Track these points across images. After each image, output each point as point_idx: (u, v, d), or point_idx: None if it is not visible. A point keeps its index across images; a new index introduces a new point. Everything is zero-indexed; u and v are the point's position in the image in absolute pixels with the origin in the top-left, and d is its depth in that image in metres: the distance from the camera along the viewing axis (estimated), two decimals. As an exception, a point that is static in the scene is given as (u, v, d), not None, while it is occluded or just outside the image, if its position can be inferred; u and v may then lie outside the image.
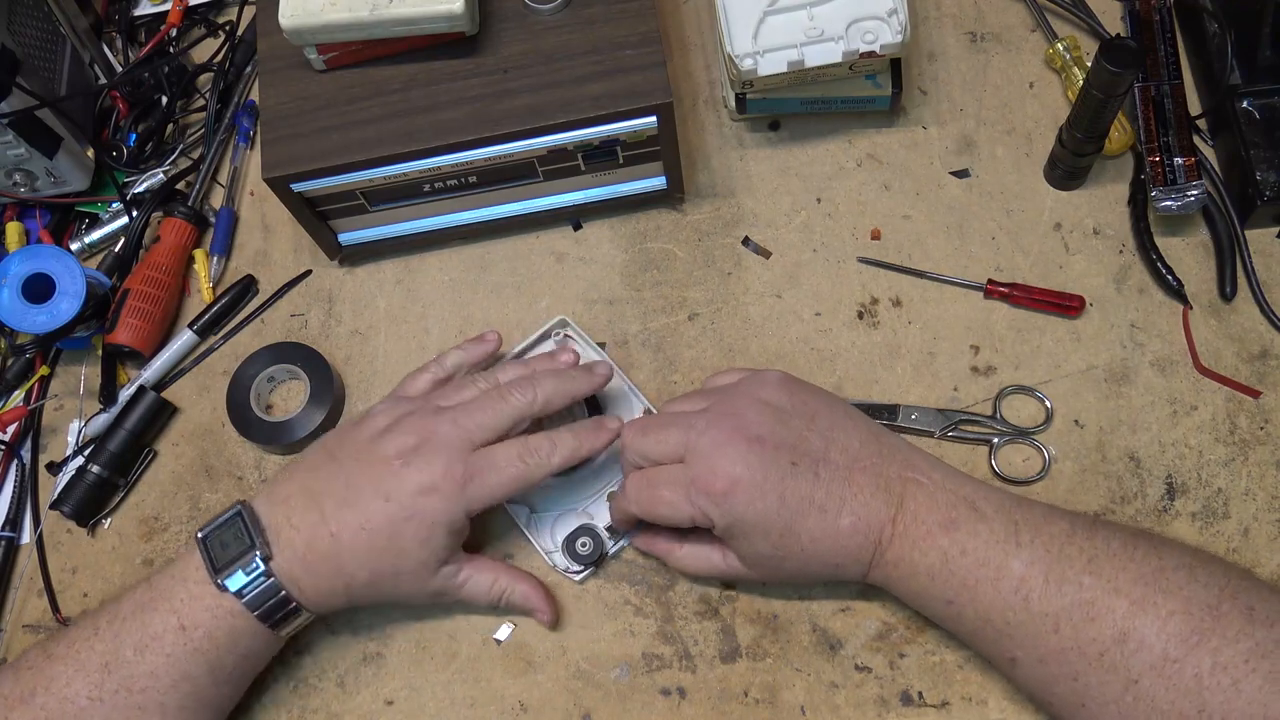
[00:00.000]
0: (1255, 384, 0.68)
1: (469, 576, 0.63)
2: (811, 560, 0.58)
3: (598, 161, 0.72)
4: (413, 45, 0.68)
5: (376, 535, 0.59)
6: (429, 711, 0.66)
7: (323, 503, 0.60)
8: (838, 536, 0.57)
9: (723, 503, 0.57)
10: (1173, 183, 0.70)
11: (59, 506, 0.72)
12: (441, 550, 0.61)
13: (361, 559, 0.60)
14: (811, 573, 0.59)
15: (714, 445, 0.58)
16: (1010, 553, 0.55)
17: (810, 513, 0.57)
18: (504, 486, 0.60)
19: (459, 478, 0.60)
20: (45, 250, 0.72)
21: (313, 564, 0.60)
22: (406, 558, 0.60)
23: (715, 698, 0.64)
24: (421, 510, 0.59)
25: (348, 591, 0.61)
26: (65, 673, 0.58)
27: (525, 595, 0.65)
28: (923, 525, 0.57)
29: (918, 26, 0.80)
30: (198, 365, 0.77)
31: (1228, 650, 0.50)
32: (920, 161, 0.76)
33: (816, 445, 0.59)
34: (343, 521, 0.59)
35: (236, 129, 0.83)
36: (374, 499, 0.60)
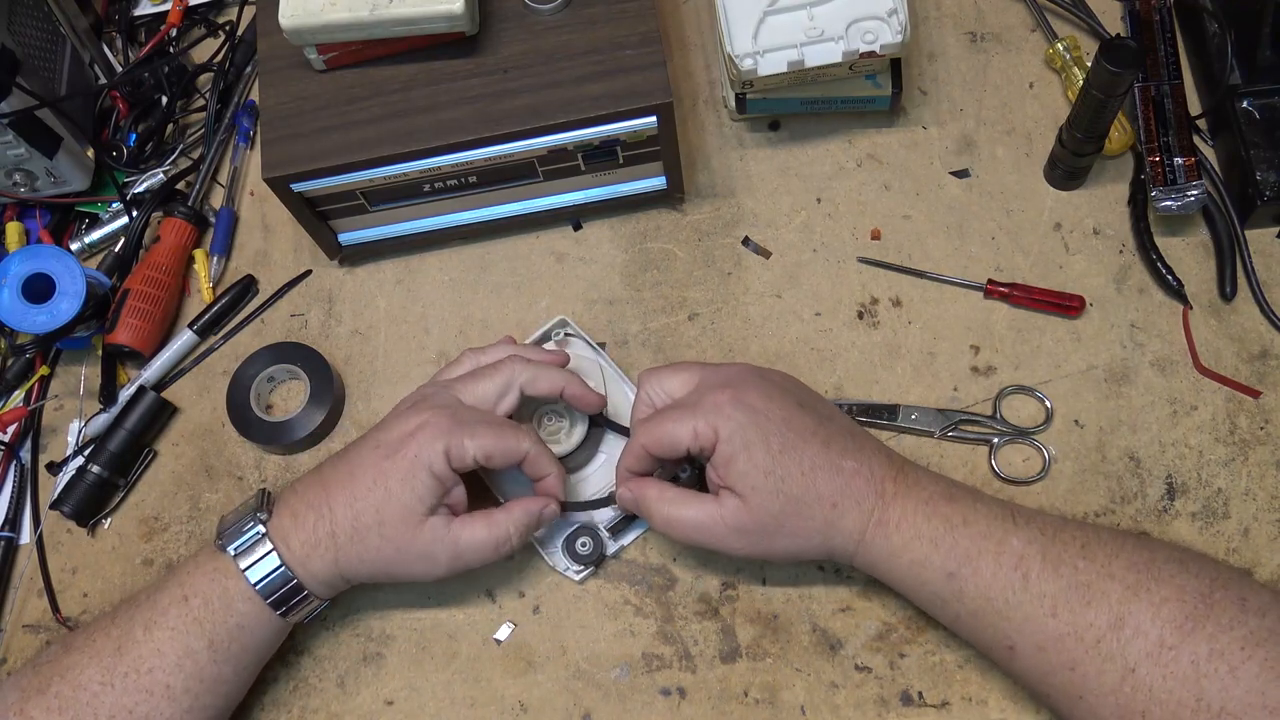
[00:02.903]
0: (1255, 384, 0.68)
1: (462, 527, 0.61)
2: (809, 491, 0.57)
3: (598, 161, 0.72)
4: (413, 45, 0.68)
5: (361, 475, 0.60)
6: (429, 711, 0.66)
7: (325, 467, 0.63)
8: (839, 471, 0.58)
9: (730, 404, 0.58)
10: (1173, 183, 0.70)
11: (59, 506, 0.72)
12: (425, 493, 0.60)
13: (348, 506, 0.60)
14: (808, 513, 0.58)
15: (726, 370, 0.62)
16: (1009, 530, 0.56)
17: (813, 441, 0.58)
18: (488, 441, 0.60)
19: (443, 422, 0.60)
20: (45, 250, 0.72)
21: (303, 518, 0.60)
22: (390, 500, 0.59)
23: (715, 698, 0.64)
24: (404, 448, 0.60)
25: (335, 547, 0.60)
26: (80, 661, 0.59)
27: (525, 518, 0.62)
28: (925, 490, 0.58)
29: (918, 26, 0.80)
30: (198, 365, 0.77)
31: (1223, 637, 0.50)
32: (920, 161, 0.76)
33: (822, 410, 0.61)
34: (334, 473, 0.61)
35: (236, 129, 0.83)
36: (366, 449, 0.61)
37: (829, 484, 0.58)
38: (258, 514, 0.61)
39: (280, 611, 0.61)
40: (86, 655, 0.59)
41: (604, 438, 0.69)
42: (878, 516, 0.58)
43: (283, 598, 0.60)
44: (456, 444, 0.60)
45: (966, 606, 0.57)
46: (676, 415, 0.60)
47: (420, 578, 0.62)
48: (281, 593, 0.60)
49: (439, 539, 0.60)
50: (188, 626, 0.59)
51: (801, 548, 0.59)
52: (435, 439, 0.59)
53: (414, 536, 0.60)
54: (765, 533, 0.58)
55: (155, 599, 0.60)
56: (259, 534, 0.60)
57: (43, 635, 0.70)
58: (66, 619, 0.70)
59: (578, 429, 0.68)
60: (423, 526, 0.60)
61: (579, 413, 0.69)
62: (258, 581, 0.59)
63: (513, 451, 0.61)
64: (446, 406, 0.62)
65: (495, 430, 0.61)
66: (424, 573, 0.62)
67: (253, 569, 0.59)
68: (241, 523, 0.61)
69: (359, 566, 0.61)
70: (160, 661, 0.58)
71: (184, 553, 0.71)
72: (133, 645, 0.59)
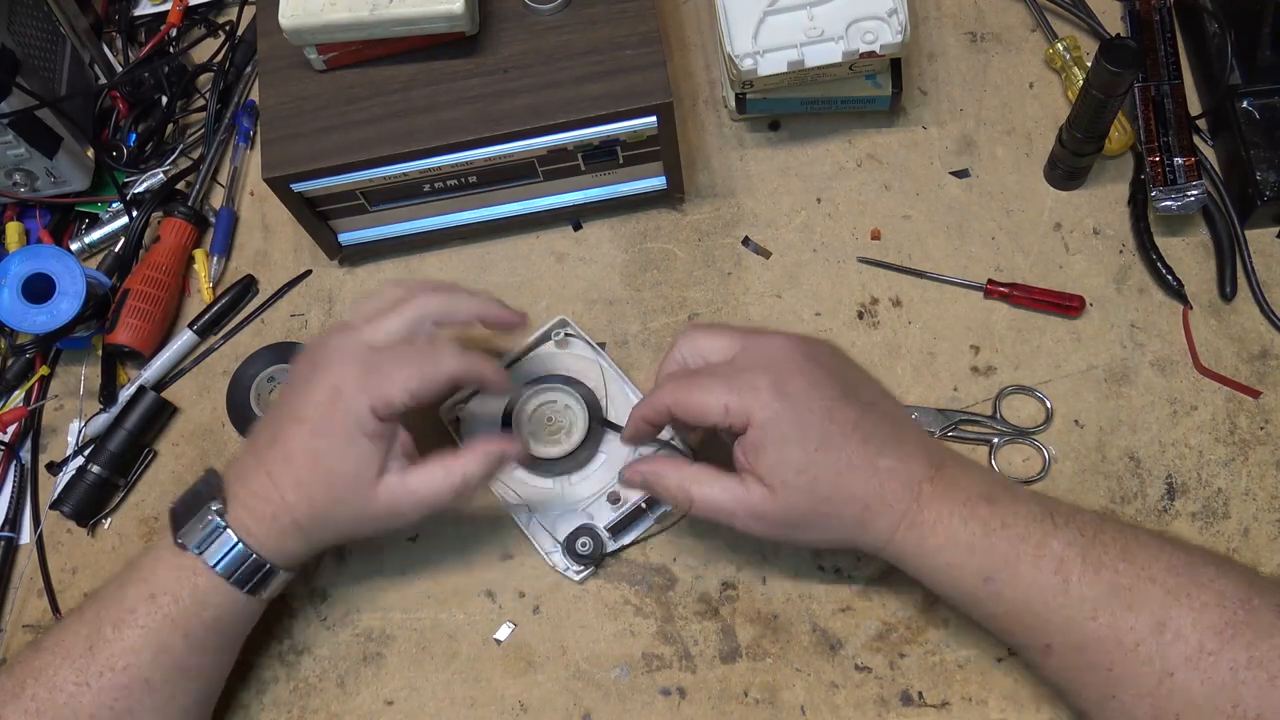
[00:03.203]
0: (1255, 384, 0.68)
1: (419, 478, 0.59)
2: (841, 491, 0.56)
3: (598, 161, 0.72)
4: (413, 45, 0.68)
5: (301, 461, 0.58)
6: (429, 711, 0.66)
7: (260, 451, 0.60)
8: (875, 472, 0.56)
9: (770, 390, 0.55)
10: (1173, 183, 0.70)
11: (59, 506, 0.72)
12: (369, 458, 0.57)
13: (297, 491, 0.58)
14: (837, 513, 0.56)
15: (769, 344, 0.58)
16: (1049, 532, 0.54)
17: (853, 437, 0.56)
18: (409, 380, 0.57)
19: (357, 377, 0.57)
20: (45, 250, 0.72)
21: (259, 511, 0.58)
22: (337, 477, 0.58)
23: (715, 698, 0.64)
24: (329, 420, 0.57)
25: (302, 532, 0.59)
26: (53, 662, 0.58)
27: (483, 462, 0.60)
28: (962, 492, 0.56)
29: (918, 26, 0.80)
30: (198, 365, 0.77)
31: (1262, 645, 0.50)
32: (920, 161, 0.76)
33: (866, 396, 0.58)
34: (272, 460, 0.59)
35: (236, 129, 0.83)
36: (290, 425, 0.58)
37: (864, 486, 0.56)
38: (212, 507, 0.58)
39: (258, 594, 0.60)
40: (58, 656, 0.58)
41: (604, 438, 0.69)
42: (911, 519, 0.56)
43: (258, 583, 0.59)
44: (378, 396, 0.57)
45: (1003, 608, 0.55)
46: (710, 385, 0.57)
47: (396, 530, 0.61)
48: (255, 579, 0.59)
49: (398, 495, 0.59)
50: (159, 624, 0.58)
51: (826, 540, 0.58)
52: (355, 398, 0.57)
53: (372, 501, 0.58)
54: (789, 525, 0.57)
55: (120, 597, 0.59)
56: (219, 526, 0.58)
57: (43, 635, 0.71)
58: (66, 619, 0.70)
59: (578, 429, 0.68)
60: (378, 489, 0.58)
61: (579, 413, 0.69)
62: (229, 575, 0.58)
63: (437, 377, 0.58)
64: (354, 358, 0.58)
65: (412, 364, 0.57)
66: (395, 528, 0.60)
67: (221, 563, 0.58)
68: (198, 518, 0.58)
69: (331, 538, 0.61)
70: (135, 659, 0.57)
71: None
72: (103, 644, 0.58)
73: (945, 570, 0.56)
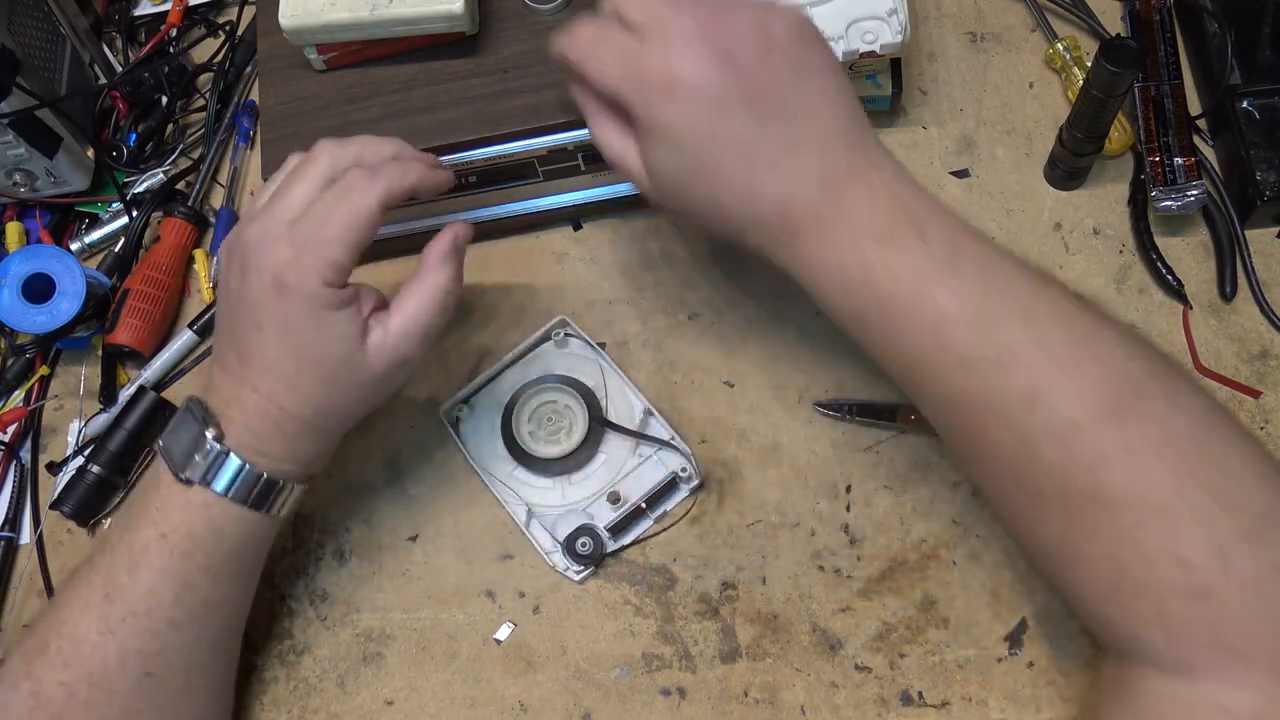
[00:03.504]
0: (1255, 384, 0.68)
1: (398, 318, 0.57)
2: (718, 202, 0.53)
3: (598, 162, 0.72)
4: (413, 45, 0.68)
5: (282, 364, 0.55)
6: (429, 711, 0.66)
7: (233, 370, 0.57)
8: (752, 200, 0.52)
9: (650, 96, 0.51)
10: (1173, 183, 0.70)
11: (59, 506, 0.72)
12: (346, 330, 0.55)
13: (292, 394, 0.56)
14: (718, 212, 0.54)
15: (680, 32, 0.51)
16: (941, 282, 0.50)
17: (735, 162, 0.52)
18: (337, 233, 0.54)
19: (289, 259, 0.54)
20: (45, 250, 0.72)
21: (261, 429, 0.56)
22: (324, 364, 0.55)
23: (715, 698, 0.64)
24: (288, 314, 0.54)
25: (313, 430, 0.57)
26: (72, 615, 0.57)
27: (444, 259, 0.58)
28: (853, 229, 0.51)
29: (918, 26, 0.80)
30: (198, 365, 0.77)
31: (1138, 430, 0.47)
32: (920, 161, 0.76)
33: (785, 101, 0.52)
34: (254, 374, 0.56)
35: (236, 129, 0.83)
36: (252, 334, 0.56)
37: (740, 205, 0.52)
38: (208, 434, 0.56)
39: (268, 511, 0.58)
40: (76, 609, 0.57)
41: (604, 438, 0.69)
42: (788, 244, 0.53)
43: (273, 500, 0.58)
44: (322, 265, 0.54)
45: (869, 349, 0.53)
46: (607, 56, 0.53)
47: (406, 378, 0.60)
48: (270, 497, 0.58)
49: (392, 346, 0.56)
50: (177, 563, 0.56)
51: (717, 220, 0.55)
52: (302, 280, 0.53)
53: (370, 368, 0.56)
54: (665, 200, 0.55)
55: (130, 541, 0.57)
56: (221, 452, 0.56)
57: (43, 635, 0.70)
58: (66, 619, 0.70)
59: (578, 429, 0.68)
60: (367, 354, 0.56)
61: (579, 413, 0.69)
62: (244, 499, 0.56)
63: (366, 210, 0.54)
64: (278, 239, 0.54)
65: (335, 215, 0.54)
66: (406, 377, 0.59)
67: (234, 490, 0.56)
68: (197, 449, 0.56)
69: (347, 421, 0.59)
70: (157, 601, 0.56)
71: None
72: (120, 590, 0.56)
73: (818, 298, 0.54)
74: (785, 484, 0.68)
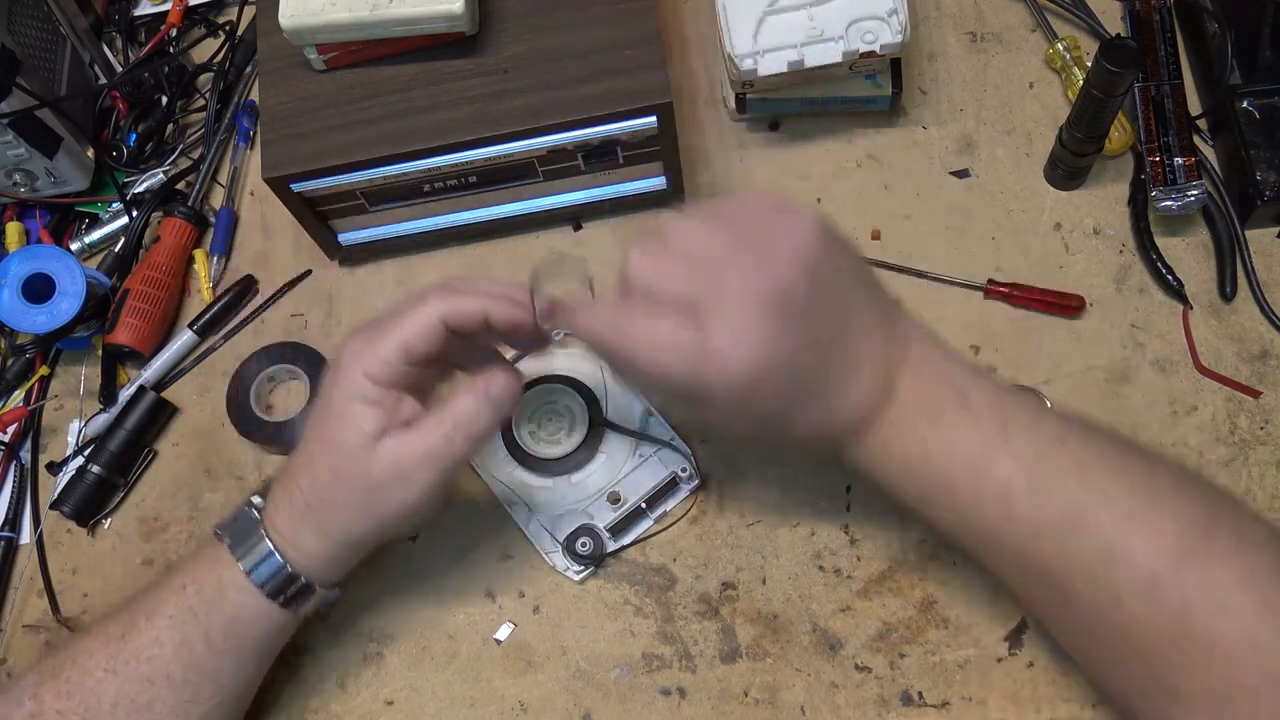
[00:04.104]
0: (1255, 384, 0.68)
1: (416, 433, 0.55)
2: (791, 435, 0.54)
3: (598, 161, 0.72)
4: (413, 45, 0.68)
5: (309, 439, 0.57)
6: (429, 711, 0.66)
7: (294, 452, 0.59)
8: (827, 425, 0.53)
9: (729, 381, 0.50)
10: (1173, 183, 0.70)
11: (59, 506, 0.72)
12: (365, 424, 0.55)
13: (306, 470, 0.57)
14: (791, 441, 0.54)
15: (742, 312, 0.50)
16: (997, 451, 0.51)
17: (812, 401, 0.52)
18: (392, 332, 0.54)
19: (353, 349, 0.56)
20: (45, 250, 0.72)
21: (280, 500, 0.58)
22: (334, 446, 0.56)
23: (715, 698, 0.64)
24: (330, 397, 0.56)
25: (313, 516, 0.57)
26: (91, 647, 0.58)
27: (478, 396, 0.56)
28: (907, 413, 0.53)
29: (918, 26, 0.80)
30: (198, 365, 0.77)
31: (1218, 573, 0.48)
32: (920, 161, 0.76)
33: (836, 324, 0.53)
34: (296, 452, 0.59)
35: (236, 129, 0.83)
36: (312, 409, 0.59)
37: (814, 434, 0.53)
38: (252, 499, 0.59)
39: (279, 601, 0.58)
40: (97, 641, 0.58)
41: (604, 437, 0.69)
42: (855, 439, 0.54)
43: (278, 586, 0.58)
44: (369, 359, 0.54)
45: (941, 526, 0.54)
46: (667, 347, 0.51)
47: (407, 504, 0.56)
48: (277, 580, 0.58)
49: (398, 455, 0.55)
50: (184, 616, 0.58)
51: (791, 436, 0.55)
52: (350, 368, 0.55)
53: (371, 467, 0.55)
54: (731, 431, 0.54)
55: (159, 587, 0.59)
56: (253, 519, 0.58)
57: (43, 635, 0.70)
58: (66, 619, 0.70)
59: (578, 429, 0.68)
60: (375, 453, 0.55)
61: (579, 413, 0.69)
62: (250, 569, 0.57)
63: (426, 327, 0.54)
64: (356, 334, 0.57)
65: (399, 318, 0.55)
66: (405, 498, 0.56)
67: (245, 556, 0.57)
68: (239, 510, 0.59)
69: (345, 526, 0.57)
70: (160, 651, 0.57)
71: (184, 553, 0.71)
72: (135, 634, 0.58)
73: (887, 487, 0.55)
74: (785, 484, 0.68)
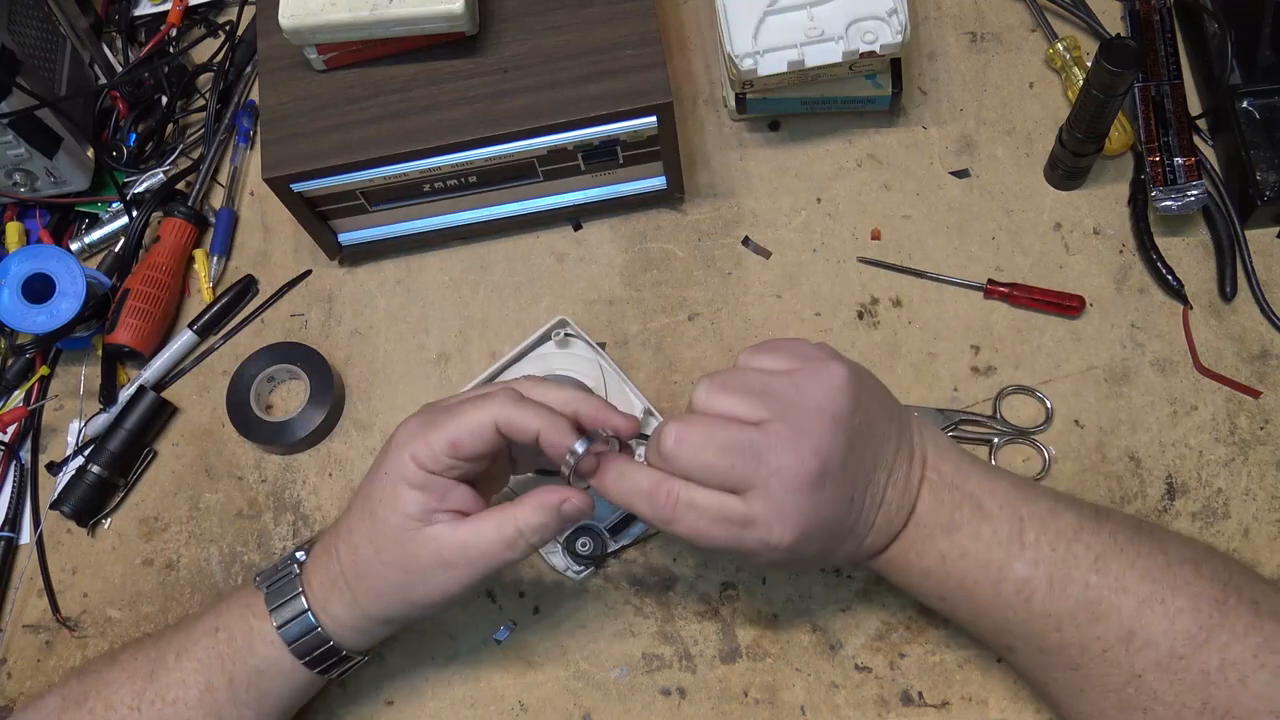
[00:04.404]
0: (1255, 384, 0.68)
1: (469, 528, 0.54)
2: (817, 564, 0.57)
3: (598, 161, 0.72)
4: (413, 45, 0.68)
5: (354, 508, 0.57)
6: (429, 711, 0.66)
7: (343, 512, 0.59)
8: (857, 555, 0.56)
9: (775, 549, 0.52)
10: (1173, 183, 0.70)
11: (59, 506, 0.72)
12: (411, 507, 0.54)
13: (346, 540, 0.56)
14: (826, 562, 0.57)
15: (784, 488, 0.51)
16: (1014, 554, 0.54)
17: (846, 539, 0.55)
18: (446, 426, 0.54)
19: (409, 430, 0.55)
20: (45, 250, 0.72)
21: (319, 561, 0.57)
22: (378, 523, 0.55)
23: (715, 698, 0.64)
24: (377, 471, 0.56)
25: (348, 587, 0.56)
26: (118, 678, 0.58)
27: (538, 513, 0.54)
28: (924, 529, 0.55)
29: (918, 26, 0.80)
30: (198, 365, 0.77)
31: (1236, 646, 0.50)
32: (920, 161, 0.76)
33: (868, 465, 0.54)
34: (341, 516, 0.58)
35: (236, 129, 0.83)
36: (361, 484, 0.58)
37: (838, 556, 0.55)
38: (297, 552, 0.58)
39: (305, 661, 0.57)
40: (125, 674, 0.58)
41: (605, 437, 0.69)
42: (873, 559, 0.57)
43: (307, 646, 0.57)
44: (419, 444, 0.54)
45: (960, 620, 0.56)
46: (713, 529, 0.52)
47: (447, 593, 0.55)
48: (306, 641, 0.57)
49: (445, 546, 0.54)
50: (212, 661, 0.57)
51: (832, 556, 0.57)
52: (402, 448, 0.54)
53: (414, 552, 0.54)
54: None
55: (192, 626, 0.59)
56: (292, 574, 0.58)
57: (43, 635, 0.70)
58: (66, 619, 0.70)
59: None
60: (419, 539, 0.54)
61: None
62: (282, 625, 0.56)
63: (479, 428, 0.53)
64: (417, 415, 0.56)
65: (457, 413, 0.54)
66: (446, 587, 0.55)
67: (279, 610, 0.57)
68: (282, 560, 0.59)
69: (377, 601, 0.56)
70: (184, 693, 0.57)
71: (183, 553, 0.72)
72: (164, 672, 0.58)
73: (902, 587, 0.58)
74: (785, 484, 0.68)
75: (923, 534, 0.55)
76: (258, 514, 0.72)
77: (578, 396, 0.56)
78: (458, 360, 0.74)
